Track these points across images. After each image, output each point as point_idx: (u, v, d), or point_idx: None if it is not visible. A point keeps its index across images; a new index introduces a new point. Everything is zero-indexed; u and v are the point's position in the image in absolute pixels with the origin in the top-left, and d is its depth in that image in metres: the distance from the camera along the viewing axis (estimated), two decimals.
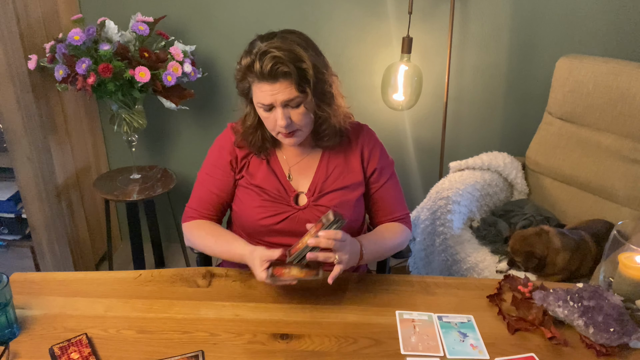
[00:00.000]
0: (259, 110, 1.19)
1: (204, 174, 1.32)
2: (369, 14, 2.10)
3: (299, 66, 1.11)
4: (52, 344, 1.00)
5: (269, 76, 1.10)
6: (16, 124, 1.85)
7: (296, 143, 1.22)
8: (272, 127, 1.19)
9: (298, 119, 1.16)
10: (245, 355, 1.00)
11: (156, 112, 2.27)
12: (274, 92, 1.12)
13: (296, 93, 1.12)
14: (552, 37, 2.08)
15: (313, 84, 1.14)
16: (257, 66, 1.10)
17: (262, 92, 1.13)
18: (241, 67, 1.15)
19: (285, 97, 1.12)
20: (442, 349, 1.02)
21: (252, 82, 1.15)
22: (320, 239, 1.06)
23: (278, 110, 1.14)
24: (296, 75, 1.11)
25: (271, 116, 1.17)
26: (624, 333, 1.00)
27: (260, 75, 1.11)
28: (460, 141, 2.31)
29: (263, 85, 1.12)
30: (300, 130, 1.19)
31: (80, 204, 2.28)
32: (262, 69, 1.09)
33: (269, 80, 1.11)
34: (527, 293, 1.14)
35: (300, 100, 1.14)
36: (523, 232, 1.63)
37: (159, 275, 1.23)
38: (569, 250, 1.57)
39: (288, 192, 1.27)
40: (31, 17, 1.85)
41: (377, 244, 1.26)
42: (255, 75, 1.12)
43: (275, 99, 1.13)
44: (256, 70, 1.10)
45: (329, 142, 1.27)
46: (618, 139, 1.81)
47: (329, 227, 1.08)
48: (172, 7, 2.12)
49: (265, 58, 1.09)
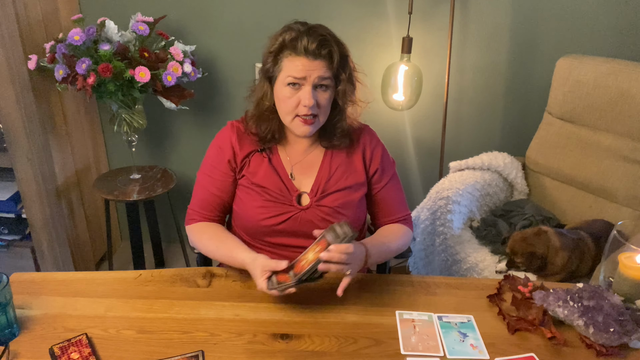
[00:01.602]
0: (283, 90, 1.17)
1: (203, 175, 1.31)
2: (369, 14, 2.10)
3: (342, 51, 1.17)
4: (52, 344, 1.00)
5: (312, 53, 1.13)
6: (16, 124, 1.85)
7: (310, 132, 1.21)
8: (292, 109, 1.18)
9: (323, 103, 1.18)
10: (245, 355, 1.00)
11: (156, 112, 2.27)
12: (311, 68, 1.14)
13: (330, 74, 1.16)
14: (552, 37, 2.08)
15: (349, 73, 1.20)
16: (303, 41, 1.12)
17: (298, 65, 1.14)
18: (279, 40, 1.16)
19: (320, 73, 1.14)
20: (442, 349, 1.02)
21: (284, 57, 1.15)
22: (333, 254, 1.04)
23: (306, 89, 1.15)
24: (338, 58, 1.16)
25: (295, 96, 1.16)
26: (624, 333, 1.00)
27: (303, 50, 1.12)
28: (460, 141, 2.31)
29: (300, 59, 1.13)
30: (318, 118, 1.20)
31: (80, 204, 2.28)
32: (308, 44, 1.12)
33: (309, 57, 1.13)
34: (527, 293, 1.14)
35: (330, 85, 1.18)
36: (522, 233, 1.62)
37: (159, 275, 1.23)
38: (568, 250, 1.57)
39: (290, 192, 1.27)
40: (31, 17, 1.85)
41: (381, 247, 1.26)
42: (295, 49, 1.13)
43: (310, 74, 1.14)
44: (301, 45, 1.12)
45: (339, 142, 1.28)
46: (618, 139, 1.81)
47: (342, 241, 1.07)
48: (172, 7, 2.12)
49: (311, 34, 1.13)
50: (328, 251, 1.05)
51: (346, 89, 1.20)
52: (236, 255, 1.19)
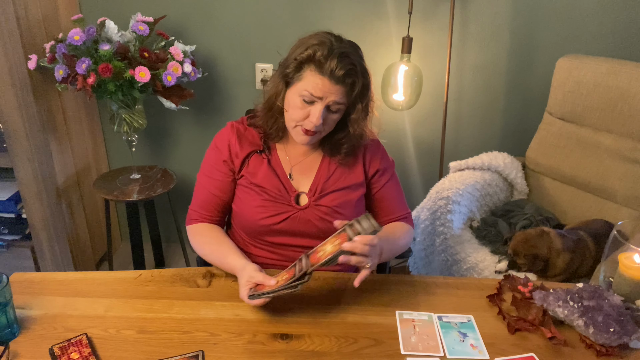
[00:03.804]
0: (296, 99, 1.16)
1: (203, 176, 1.31)
2: (369, 14, 2.10)
3: (365, 83, 1.16)
4: (52, 344, 1.00)
5: (336, 78, 1.11)
6: (16, 124, 1.85)
7: (309, 143, 1.22)
8: (299, 120, 1.17)
9: (329, 123, 1.19)
10: (245, 355, 1.00)
11: (156, 112, 2.27)
12: (331, 91, 1.12)
13: (346, 101, 1.15)
14: (552, 37, 2.08)
15: (366, 103, 1.19)
16: (332, 64, 1.10)
17: (318, 84, 1.12)
18: (308, 52, 1.12)
19: (337, 99, 1.14)
20: (442, 349, 1.02)
21: (308, 69, 1.13)
22: (356, 245, 1.03)
23: (318, 107, 1.14)
24: (359, 90, 1.15)
25: (306, 109, 1.16)
26: (624, 333, 1.00)
27: (329, 72, 1.11)
28: (460, 141, 2.32)
29: (323, 80, 1.12)
30: (320, 133, 1.20)
31: (80, 204, 2.28)
32: (336, 69, 1.10)
33: (332, 80, 1.11)
34: (527, 293, 1.14)
35: (342, 109, 1.18)
36: (525, 234, 1.62)
37: (159, 275, 1.23)
38: (569, 251, 1.56)
39: (289, 192, 1.27)
40: (31, 17, 1.85)
41: (391, 243, 1.27)
42: (321, 68, 1.11)
43: (327, 96, 1.13)
44: (328, 67, 1.10)
45: (342, 160, 1.28)
46: (618, 139, 1.81)
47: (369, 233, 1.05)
48: (172, 7, 2.12)
49: (343, 61, 1.11)
50: (352, 242, 1.04)
51: (359, 118, 1.20)
52: (229, 260, 1.19)
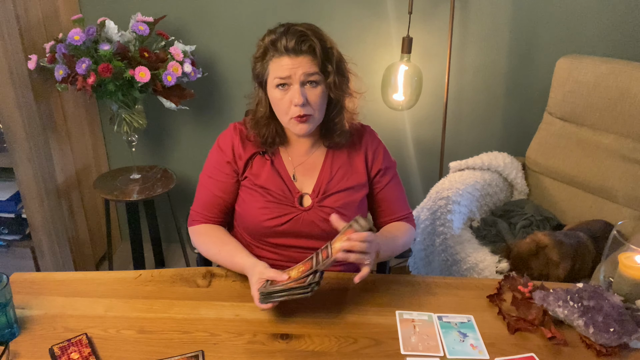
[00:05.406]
0: (274, 92, 1.17)
1: (206, 176, 1.31)
2: (369, 14, 2.10)
3: (323, 44, 1.15)
4: (52, 344, 1.00)
5: (293, 50, 1.12)
6: (16, 124, 1.86)
7: (308, 130, 1.20)
8: (286, 110, 1.17)
9: (314, 100, 1.16)
10: (245, 355, 1.00)
11: (156, 112, 2.27)
12: (295, 65, 1.13)
13: (316, 68, 1.14)
14: (552, 37, 2.08)
15: (336, 63, 1.17)
16: (283, 40, 1.12)
17: (282, 65, 1.13)
18: (262, 44, 1.16)
19: (306, 69, 1.13)
20: (442, 349, 1.02)
21: (271, 59, 1.15)
22: (354, 243, 1.04)
23: (295, 88, 1.14)
24: (320, 50, 1.14)
25: (286, 96, 1.16)
26: (624, 333, 1.00)
27: (284, 49, 1.12)
28: (460, 141, 2.31)
29: (283, 59, 1.13)
30: (312, 116, 1.18)
31: (80, 204, 2.28)
32: (287, 42, 1.11)
33: (291, 54, 1.12)
34: (527, 293, 1.14)
35: (319, 79, 1.16)
36: (520, 252, 1.59)
37: (159, 275, 1.23)
38: (569, 259, 1.55)
39: (292, 193, 1.27)
40: (31, 17, 1.85)
41: (390, 242, 1.27)
42: (277, 50, 1.13)
43: (295, 72, 1.13)
44: (281, 45, 1.12)
45: (339, 138, 1.27)
46: (618, 138, 1.81)
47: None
48: (172, 7, 2.12)
49: (290, 32, 1.12)
50: (348, 240, 1.04)
51: (336, 80, 1.19)
52: (238, 260, 1.19)
